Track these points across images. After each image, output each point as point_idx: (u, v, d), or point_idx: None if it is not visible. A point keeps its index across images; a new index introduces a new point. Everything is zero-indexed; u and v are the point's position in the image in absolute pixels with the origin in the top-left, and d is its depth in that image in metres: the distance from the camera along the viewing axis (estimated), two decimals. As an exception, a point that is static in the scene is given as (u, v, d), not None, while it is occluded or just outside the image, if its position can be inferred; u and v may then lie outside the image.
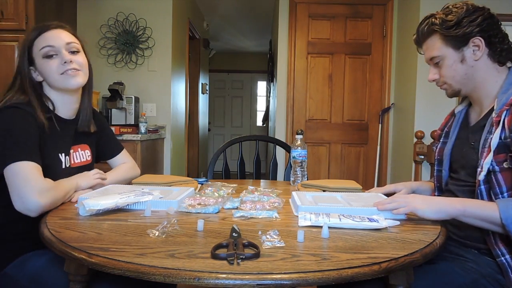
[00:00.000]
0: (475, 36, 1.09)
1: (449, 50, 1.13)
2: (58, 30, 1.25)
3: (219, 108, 7.80)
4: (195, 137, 5.15)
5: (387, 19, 3.60)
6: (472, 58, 1.12)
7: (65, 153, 1.28)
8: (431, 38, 1.16)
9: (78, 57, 1.26)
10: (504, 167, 1.02)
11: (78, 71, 1.24)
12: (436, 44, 1.15)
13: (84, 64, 1.28)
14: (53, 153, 1.22)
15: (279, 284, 0.67)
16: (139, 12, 3.46)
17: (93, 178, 1.28)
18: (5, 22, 2.72)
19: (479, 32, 1.09)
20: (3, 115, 1.13)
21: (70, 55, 1.23)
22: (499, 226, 0.97)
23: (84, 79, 1.27)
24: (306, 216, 0.97)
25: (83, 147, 1.37)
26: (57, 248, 0.81)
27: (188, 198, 1.16)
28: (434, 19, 1.14)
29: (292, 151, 1.61)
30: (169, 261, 0.72)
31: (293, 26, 3.63)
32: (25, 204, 1.01)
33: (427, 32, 1.16)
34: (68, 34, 1.26)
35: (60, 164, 1.25)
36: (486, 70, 1.13)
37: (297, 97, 3.67)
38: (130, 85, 3.44)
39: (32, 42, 1.22)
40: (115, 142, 1.53)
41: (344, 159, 3.70)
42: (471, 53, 1.11)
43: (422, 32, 1.18)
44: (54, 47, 1.21)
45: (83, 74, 1.26)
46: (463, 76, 1.14)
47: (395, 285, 0.83)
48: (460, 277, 1.02)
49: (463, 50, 1.12)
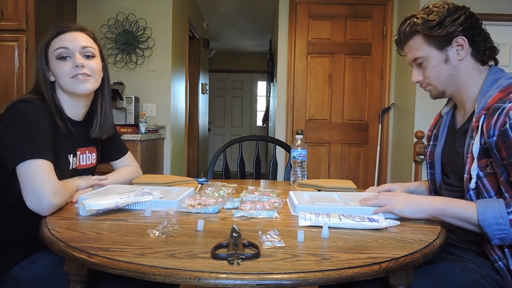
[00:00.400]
0: (458, 35, 1.08)
1: (433, 50, 1.11)
2: (77, 32, 1.23)
3: (219, 108, 7.80)
4: (195, 137, 5.15)
5: (387, 19, 3.60)
6: (456, 58, 1.10)
7: (73, 154, 1.27)
8: (414, 39, 1.14)
9: (92, 62, 1.23)
10: (488, 172, 1.03)
11: (88, 77, 1.22)
12: (419, 44, 1.13)
13: (97, 70, 1.25)
14: (62, 153, 1.21)
15: (279, 284, 0.67)
16: (139, 12, 3.46)
17: (92, 179, 1.28)
18: (5, 22, 2.72)
19: (462, 31, 1.08)
20: (15, 108, 1.10)
21: (84, 60, 1.21)
22: (476, 226, 0.97)
23: (94, 85, 1.25)
24: (306, 216, 0.97)
25: (91, 149, 1.36)
26: (57, 248, 0.81)
27: (188, 198, 1.16)
28: (416, 19, 1.12)
29: (292, 151, 1.61)
30: (169, 261, 0.72)
31: (293, 26, 3.63)
32: (40, 203, 1.01)
33: (409, 33, 1.14)
34: (87, 37, 1.25)
35: (68, 165, 1.24)
36: (469, 70, 1.12)
37: (297, 97, 3.67)
38: (130, 85, 3.44)
39: (49, 42, 1.21)
40: (120, 144, 1.51)
41: (344, 159, 3.70)
42: (455, 53, 1.10)
43: (404, 33, 1.16)
44: (69, 49, 1.20)
45: (93, 80, 1.24)
46: (447, 77, 1.13)
47: (395, 285, 0.84)
48: (460, 277, 1.02)
49: (446, 50, 1.10)
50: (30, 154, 1.03)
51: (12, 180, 1.08)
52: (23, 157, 1.03)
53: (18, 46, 2.73)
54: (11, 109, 1.11)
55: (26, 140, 1.06)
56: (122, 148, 1.51)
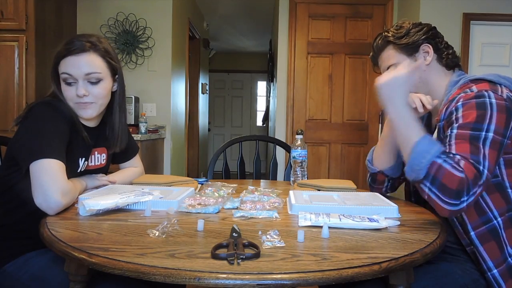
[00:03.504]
0: (423, 43, 1.21)
1: (403, 57, 1.23)
2: (81, 56, 1.17)
3: (219, 108, 7.80)
4: (195, 137, 5.15)
5: (387, 19, 3.60)
6: (423, 63, 1.21)
7: (85, 158, 1.27)
8: (386, 50, 1.26)
9: (96, 89, 1.20)
10: None
11: (91, 104, 1.21)
12: (391, 53, 1.25)
13: (101, 96, 1.22)
14: (73, 156, 1.21)
15: (279, 284, 0.67)
16: (139, 12, 3.46)
17: (99, 179, 1.29)
18: (5, 22, 2.72)
19: (426, 39, 1.21)
20: (35, 110, 1.13)
21: (88, 86, 1.19)
22: (408, 154, 0.99)
23: (97, 110, 1.23)
24: (306, 216, 0.97)
25: (101, 150, 1.36)
26: (57, 248, 0.81)
27: (188, 198, 1.16)
28: (386, 33, 1.26)
29: (292, 151, 1.61)
30: (169, 261, 0.72)
31: (293, 26, 3.63)
32: (48, 202, 1.01)
33: (381, 45, 1.27)
34: (93, 60, 1.19)
35: (77, 168, 1.25)
36: (436, 73, 1.22)
37: (297, 97, 3.67)
38: (130, 85, 3.41)
39: (58, 62, 1.20)
40: (130, 146, 1.50)
41: (344, 159, 3.70)
42: (423, 58, 1.21)
43: (377, 47, 1.29)
44: (72, 76, 1.18)
45: (96, 106, 1.22)
46: (418, 80, 1.21)
47: (395, 285, 0.84)
48: (460, 277, 1.02)
49: (415, 56, 1.22)
50: (44, 154, 1.05)
51: (18, 180, 1.09)
52: (37, 156, 1.04)
53: (18, 46, 2.73)
54: (31, 109, 1.13)
55: (42, 140, 1.07)
56: (132, 150, 1.51)
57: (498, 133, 0.97)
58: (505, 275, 1.00)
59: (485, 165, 0.94)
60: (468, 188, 0.91)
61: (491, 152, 0.96)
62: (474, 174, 0.93)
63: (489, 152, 0.96)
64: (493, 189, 1.03)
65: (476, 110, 1.00)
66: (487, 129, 0.97)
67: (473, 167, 0.94)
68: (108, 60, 1.24)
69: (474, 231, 1.02)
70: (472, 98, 1.02)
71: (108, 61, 1.23)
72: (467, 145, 0.97)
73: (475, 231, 1.02)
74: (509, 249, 1.01)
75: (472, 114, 1.00)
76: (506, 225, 1.02)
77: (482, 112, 0.99)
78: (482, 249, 1.01)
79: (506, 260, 1.00)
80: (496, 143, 0.97)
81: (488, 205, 1.03)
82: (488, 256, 1.01)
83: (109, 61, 1.24)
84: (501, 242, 1.01)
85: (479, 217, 1.02)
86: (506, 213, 1.02)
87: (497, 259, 1.00)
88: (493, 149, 0.96)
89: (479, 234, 1.02)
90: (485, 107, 0.99)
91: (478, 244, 1.02)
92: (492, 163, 0.96)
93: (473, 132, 0.98)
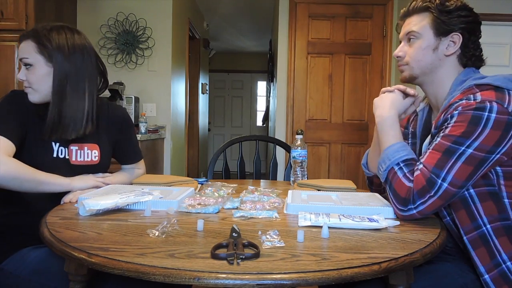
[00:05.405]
0: (457, 31, 1.11)
1: (430, 32, 1.13)
2: (22, 42, 1.24)
3: (219, 108, 7.80)
4: (195, 137, 5.15)
5: (387, 19, 3.60)
6: (444, 52, 1.13)
7: (62, 144, 1.27)
8: (421, 15, 1.15)
9: (29, 74, 1.22)
10: None
11: (28, 89, 1.24)
12: (422, 21, 1.14)
13: (32, 81, 1.22)
14: (42, 139, 1.22)
15: (279, 284, 0.67)
16: (139, 12, 3.46)
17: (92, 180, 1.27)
18: (5, 22, 2.73)
19: (461, 29, 1.11)
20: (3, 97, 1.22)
21: (26, 72, 1.23)
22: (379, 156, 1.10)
23: (36, 96, 1.23)
24: (306, 216, 0.97)
25: (91, 146, 1.33)
26: (57, 248, 0.81)
27: (188, 198, 1.16)
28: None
29: (292, 151, 1.61)
30: (169, 261, 0.72)
31: (293, 26, 3.63)
32: None
33: (420, 8, 1.15)
34: (25, 47, 1.22)
35: (51, 152, 1.24)
36: (449, 69, 1.14)
37: (297, 97, 3.67)
38: (130, 85, 3.44)
39: None
40: (133, 150, 1.50)
41: (344, 159, 3.70)
42: (446, 46, 1.13)
43: (415, 6, 1.17)
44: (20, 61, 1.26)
45: (32, 90, 1.23)
46: (427, 65, 1.15)
47: (395, 285, 0.84)
48: (460, 277, 1.02)
49: (440, 39, 1.13)
50: None
51: None
52: None
53: (18, 46, 2.73)
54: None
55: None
56: (134, 155, 1.51)
57: (481, 149, 0.95)
58: (498, 281, 0.98)
59: (446, 179, 0.95)
60: (413, 199, 0.98)
61: (463, 167, 0.95)
62: (422, 186, 0.97)
63: (459, 167, 0.95)
64: (487, 197, 1.01)
65: (467, 125, 0.96)
66: (468, 145, 0.95)
67: (424, 179, 0.96)
68: (42, 46, 1.21)
69: (466, 236, 1.02)
70: (471, 109, 0.97)
71: (41, 47, 1.21)
72: (437, 157, 0.97)
73: (467, 236, 1.01)
74: (504, 255, 0.99)
75: (461, 128, 0.96)
76: (499, 233, 1.00)
77: (472, 128, 0.95)
78: (474, 254, 1.01)
79: (498, 266, 0.99)
80: (474, 159, 0.95)
81: (478, 212, 1.01)
82: (479, 261, 1.00)
83: (43, 47, 1.21)
84: (492, 248, 0.99)
85: (471, 223, 1.01)
86: (499, 222, 1.00)
87: (488, 265, 0.99)
88: (467, 164, 0.95)
89: (471, 239, 1.01)
90: (478, 123, 0.95)
91: (470, 249, 1.01)
92: (458, 177, 0.95)
93: (452, 145, 0.96)
